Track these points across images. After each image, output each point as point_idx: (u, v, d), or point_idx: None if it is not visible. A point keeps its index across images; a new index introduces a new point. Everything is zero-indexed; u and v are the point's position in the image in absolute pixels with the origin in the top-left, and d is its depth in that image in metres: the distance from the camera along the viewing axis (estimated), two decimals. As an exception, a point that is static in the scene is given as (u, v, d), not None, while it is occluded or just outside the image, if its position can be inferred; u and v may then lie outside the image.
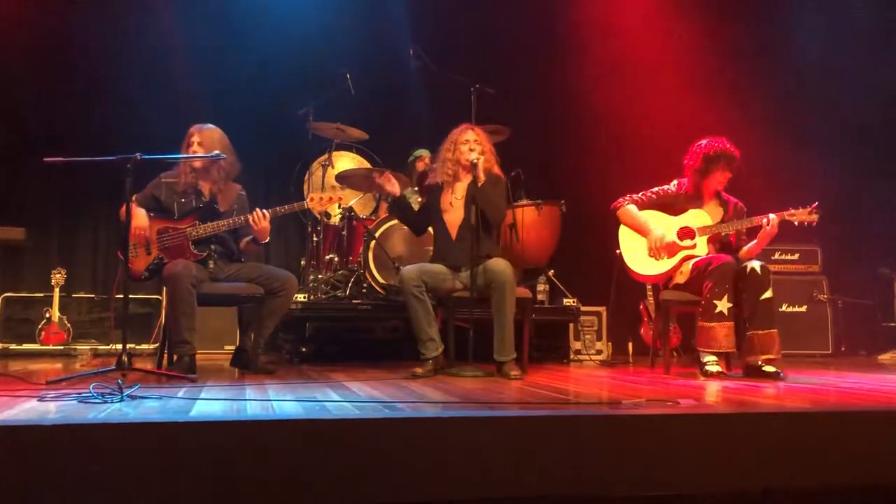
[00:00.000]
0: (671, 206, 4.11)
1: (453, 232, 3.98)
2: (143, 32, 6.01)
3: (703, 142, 4.05)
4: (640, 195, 4.16)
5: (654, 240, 4.02)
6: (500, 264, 3.74)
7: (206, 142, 3.76)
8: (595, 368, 4.69)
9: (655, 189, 4.18)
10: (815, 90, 6.34)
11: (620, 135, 6.25)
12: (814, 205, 3.91)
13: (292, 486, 1.84)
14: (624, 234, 4.17)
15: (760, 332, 3.71)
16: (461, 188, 4.01)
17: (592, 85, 6.17)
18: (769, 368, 3.67)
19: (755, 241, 3.96)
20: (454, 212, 4.00)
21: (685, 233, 4.03)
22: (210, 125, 3.87)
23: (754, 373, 3.71)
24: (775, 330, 3.73)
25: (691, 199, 4.10)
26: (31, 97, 5.93)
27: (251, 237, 3.86)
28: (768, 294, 3.74)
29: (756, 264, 3.78)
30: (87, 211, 6.19)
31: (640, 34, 6.56)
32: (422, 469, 1.91)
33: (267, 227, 3.76)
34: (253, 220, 3.71)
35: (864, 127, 6.27)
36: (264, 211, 3.74)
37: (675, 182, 4.18)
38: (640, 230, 4.09)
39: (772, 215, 3.88)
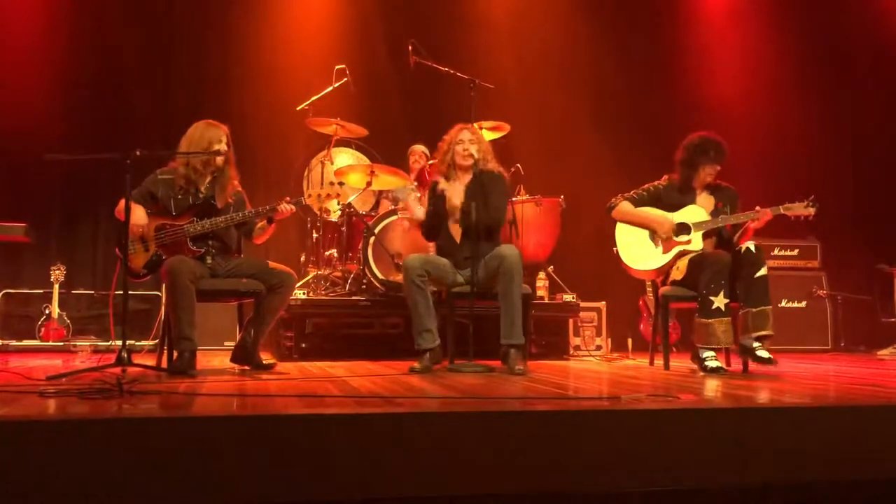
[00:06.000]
0: (663, 201, 4.11)
1: (457, 235, 3.98)
2: (141, 30, 6.00)
3: (693, 136, 4.07)
4: (631, 193, 4.17)
5: (665, 229, 4.03)
6: (508, 248, 3.73)
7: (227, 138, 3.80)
8: (595, 364, 4.69)
9: (646, 186, 4.19)
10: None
11: (620, 130, 6.25)
12: (810, 197, 3.91)
13: (292, 481, 1.84)
14: (620, 231, 4.17)
15: (754, 309, 3.72)
16: (460, 190, 3.99)
17: (593, 80, 6.18)
18: (763, 353, 3.68)
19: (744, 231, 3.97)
20: (457, 214, 3.98)
21: (681, 228, 4.03)
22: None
23: (749, 355, 3.72)
24: (769, 307, 3.73)
25: (682, 192, 4.10)
26: (31, 94, 5.92)
27: (264, 222, 3.87)
28: (763, 272, 3.74)
29: (750, 244, 3.79)
30: (87, 207, 6.18)
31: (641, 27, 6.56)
32: (422, 465, 1.92)
33: (293, 209, 3.81)
34: (281, 210, 3.76)
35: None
36: (289, 206, 3.80)
37: (665, 178, 4.19)
38: (641, 224, 4.09)
39: (760, 209, 3.87)
